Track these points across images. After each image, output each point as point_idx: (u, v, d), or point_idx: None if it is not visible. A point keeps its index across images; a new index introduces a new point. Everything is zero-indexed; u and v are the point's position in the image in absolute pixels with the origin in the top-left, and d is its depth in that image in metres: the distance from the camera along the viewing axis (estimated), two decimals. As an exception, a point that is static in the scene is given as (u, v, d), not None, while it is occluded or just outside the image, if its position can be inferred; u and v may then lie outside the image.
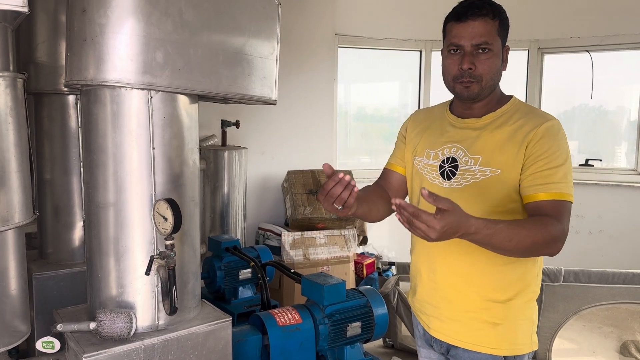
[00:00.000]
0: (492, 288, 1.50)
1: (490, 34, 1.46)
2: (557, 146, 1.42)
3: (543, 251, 1.40)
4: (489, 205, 1.46)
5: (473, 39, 1.45)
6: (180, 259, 1.63)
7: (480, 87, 1.49)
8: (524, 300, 1.51)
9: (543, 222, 1.35)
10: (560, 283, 3.06)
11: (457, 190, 1.51)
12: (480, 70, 1.47)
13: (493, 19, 1.46)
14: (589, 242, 4.67)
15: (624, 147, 4.84)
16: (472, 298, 1.52)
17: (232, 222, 3.72)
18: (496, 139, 1.49)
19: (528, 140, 1.43)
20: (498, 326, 1.50)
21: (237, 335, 2.08)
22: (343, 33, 4.68)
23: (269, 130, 4.35)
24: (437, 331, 1.60)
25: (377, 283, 3.97)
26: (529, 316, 1.54)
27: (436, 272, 1.57)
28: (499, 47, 1.49)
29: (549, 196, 1.39)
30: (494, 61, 1.48)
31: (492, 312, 1.50)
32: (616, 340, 3.42)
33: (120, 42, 1.46)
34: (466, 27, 1.46)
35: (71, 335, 1.55)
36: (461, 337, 1.54)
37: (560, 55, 4.88)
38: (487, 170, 1.47)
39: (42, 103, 2.33)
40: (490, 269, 1.49)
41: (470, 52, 1.46)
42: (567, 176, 1.42)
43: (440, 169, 1.57)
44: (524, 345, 1.52)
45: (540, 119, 1.46)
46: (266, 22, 1.80)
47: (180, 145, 1.63)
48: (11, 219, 1.60)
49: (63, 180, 2.36)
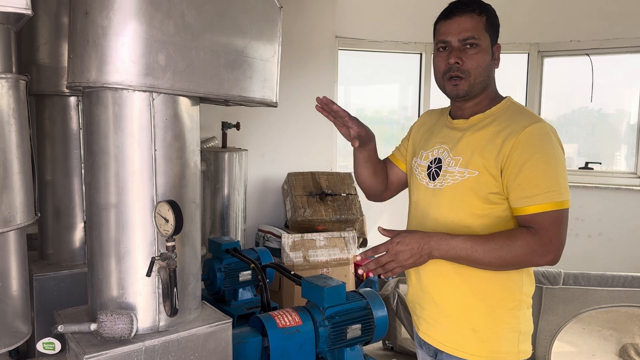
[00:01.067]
0: (473, 294, 1.47)
1: (476, 29, 1.46)
2: (541, 150, 1.37)
3: (525, 264, 1.40)
4: (467, 207, 1.45)
5: (459, 34, 1.46)
6: (181, 260, 1.63)
7: (470, 84, 1.47)
8: (506, 309, 1.47)
9: (512, 235, 1.35)
10: (560, 286, 3.06)
11: (439, 192, 1.52)
12: (468, 65, 1.46)
13: (480, 15, 1.47)
14: (589, 245, 4.67)
15: (623, 151, 4.85)
16: (453, 302, 1.50)
17: (232, 224, 3.73)
18: (477, 141, 1.47)
19: (509, 147, 1.39)
20: (478, 332, 1.47)
21: (237, 337, 2.09)
22: (343, 36, 4.70)
23: (270, 132, 4.36)
24: (424, 333, 1.60)
25: (376, 285, 3.97)
26: (513, 325, 1.47)
27: (421, 274, 1.57)
28: (487, 43, 1.48)
29: (535, 209, 1.36)
30: (482, 57, 1.47)
31: (472, 318, 1.47)
32: (615, 343, 3.42)
33: (122, 44, 1.46)
34: (452, 23, 1.47)
35: (72, 337, 1.55)
36: (444, 341, 1.53)
37: (560, 59, 4.89)
38: (465, 172, 1.46)
39: (44, 104, 2.34)
40: (470, 274, 1.46)
41: (457, 47, 1.47)
42: (558, 181, 1.36)
43: (428, 169, 1.58)
44: (508, 354, 1.47)
45: (524, 121, 1.41)
46: (267, 24, 1.81)
47: (181, 147, 1.64)
48: (13, 220, 1.61)
49: (64, 182, 2.36)
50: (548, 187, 1.35)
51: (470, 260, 1.39)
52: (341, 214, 4.06)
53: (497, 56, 1.54)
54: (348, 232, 4.00)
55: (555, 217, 1.35)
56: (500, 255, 1.35)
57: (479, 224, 1.44)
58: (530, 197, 1.36)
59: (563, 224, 1.36)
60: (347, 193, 4.18)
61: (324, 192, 4.11)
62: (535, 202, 1.35)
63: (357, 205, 4.14)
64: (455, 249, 1.38)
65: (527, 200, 1.36)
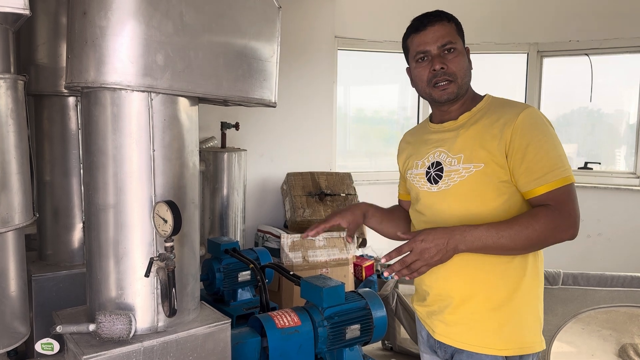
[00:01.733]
0: (495, 287, 1.48)
1: (451, 34, 1.53)
2: (540, 132, 1.43)
3: (550, 240, 1.41)
4: (481, 200, 1.47)
5: (437, 41, 1.51)
6: (179, 261, 1.63)
7: (458, 86, 1.52)
8: (528, 298, 1.49)
9: (534, 214, 1.39)
10: (559, 286, 3.06)
11: (446, 192, 1.52)
12: (453, 69, 1.51)
13: (449, 21, 1.54)
14: (588, 245, 4.67)
15: (623, 150, 4.85)
16: (476, 301, 1.50)
17: (231, 224, 3.72)
18: (475, 135, 1.50)
19: (509, 133, 1.43)
20: (504, 326, 1.48)
21: (236, 338, 2.08)
22: (343, 36, 4.69)
23: (269, 132, 4.36)
24: (442, 335, 1.57)
25: (376, 285, 3.97)
26: (535, 313, 1.51)
27: (438, 277, 1.56)
28: (462, 46, 1.55)
29: (547, 188, 1.40)
30: (462, 59, 1.54)
31: (497, 313, 1.48)
32: (615, 343, 3.42)
33: (120, 44, 1.46)
34: (427, 33, 1.53)
35: (70, 337, 1.55)
36: (466, 340, 1.51)
37: (560, 59, 4.89)
38: (470, 167, 1.48)
39: (43, 105, 2.34)
40: (490, 269, 1.47)
41: (437, 54, 1.52)
42: (561, 158, 1.42)
43: (427, 174, 1.59)
44: (533, 343, 1.49)
45: (515, 109, 1.47)
46: (266, 24, 1.81)
47: (180, 148, 1.63)
48: (11, 221, 1.61)
49: (63, 182, 2.36)
50: (554, 165, 1.41)
51: (497, 247, 1.40)
52: (340, 214, 4.05)
53: (469, 58, 1.60)
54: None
55: (568, 192, 1.40)
56: (527, 235, 1.37)
57: (492, 216, 1.46)
58: (539, 177, 1.40)
59: (575, 197, 1.42)
60: (346, 193, 4.18)
61: (323, 192, 4.11)
62: (546, 181, 1.40)
63: (356, 206, 4.13)
64: (481, 239, 1.39)
65: (538, 180, 1.41)
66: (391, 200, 1.96)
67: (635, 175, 4.60)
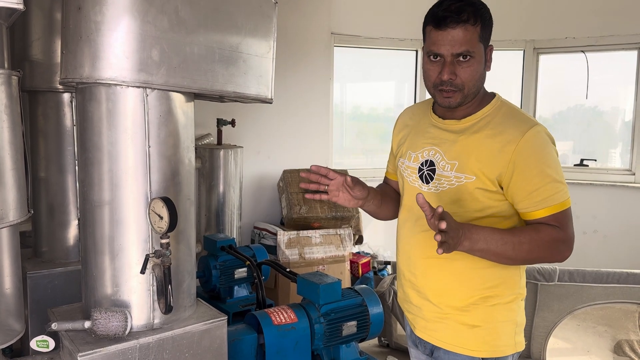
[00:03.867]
0: (472, 290, 1.48)
1: (471, 41, 1.38)
2: (543, 156, 1.40)
3: (547, 258, 1.43)
4: (466, 211, 1.45)
5: (453, 48, 1.38)
6: (175, 257, 1.63)
7: (463, 96, 1.44)
8: (505, 302, 1.49)
9: (539, 231, 1.39)
10: (555, 282, 3.07)
11: (434, 195, 1.50)
12: (462, 79, 1.41)
13: (474, 24, 1.38)
14: (584, 242, 4.66)
15: (618, 148, 4.86)
16: (451, 300, 1.50)
17: (227, 221, 3.72)
18: (474, 145, 1.45)
19: (510, 153, 1.38)
20: (477, 328, 1.49)
21: (233, 334, 2.08)
22: (339, 32, 4.68)
23: (265, 129, 4.35)
24: (421, 331, 1.60)
25: (372, 282, 3.98)
26: (511, 318, 1.51)
27: (416, 274, 1.57)
28: (481, 52, 1.43)
29: (548, 212, 1.39)
30: (476, 68, 1.42)
31: (471, 314, 1.49)
32: (610, 339, 3.43)
33: (115, 39, 1.45)
34: (446, 35, 1.38)
35: (66, 334, 1.55)
36: (442, 338, 1.53)
37: (556, 56, 4.89)
38: (462, 177, 1.45)
39: (37, 101, 2.32)
40: (468, 272, 1.47)
41: (450, 61, 1.40)
42: (560, 182, 1.40)
43: (420, 171, 1.55)
44: (506, 347, 1.50)
45: (521, 126, 1.41)
46: (262, 20, 1.80)
47: (176, 144, 1.62)
48: (5, 217, 1.59)
49: (58, 179, 2.34)
50: (555, 189, 1.39)
51: (497, 252, 1.37)
52: (337, 211, 4.05)
53: (490, 57, 1.49)
54: (344, 229, 4.00)
55: (568, 215, 1.41)
56: (529, 249, 1.37)
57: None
58: (541, 201, 1.40)
59: (572, 220, 1.43)
60: (342, 190, 4.17)
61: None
62: (549, 204, 1.39)
63: (352, 203, 4.13)
64: (486, 240, 1.35)
65: (539, 204, 1.40)
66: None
67: (630, 172, 4.61)
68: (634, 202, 4.52)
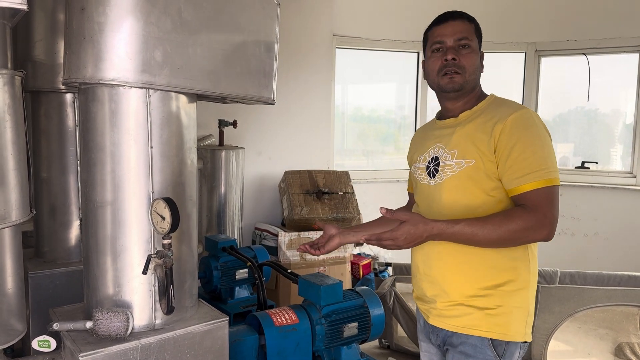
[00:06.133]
0: (484, 276, 1.55)
1: (469, 32, 1.61)
2: (529, 132, 1.48)
3: (522, 240, 1.48)
4: (470, 194, 1.54)
5: (454, 34, 1.60)
6: (177, 258, 1.63)
7: (464, 79, 1.59)
8: (516, 289, 1.55)
9: (509, 215, 1.44)
10: (556, 285, 3.07)
11: (440, 185, 1.61)
12: (464, 62, 1.59)
13: (470, 22, 1.64)
14: (585, 245, 4.68)
15: (619, 150, 4.87)
16: (465, 287, 1.57)
17: (228, 222, 3.72)
18: (469, 132, 1.58)
19: (498, 131, 1.49)
20: (489, 311, 1.55)
21: (234, 335, 2.08)
22: (341, 34, 4.69)
23: (267, 130, 4.35)
24: (435, 319, 1.66)
25: (373, 284, 3.97)
26: (522, 305, 1.57)
27: (432, 267, 1.64)
28: (477, 46, 1.63)
29: (529, 187, 1.45)
30: (475, 57, 1.61)
31: (485, 299, 1.55)
32: (611, 342, 3.43)
33: (119, 40, 1.46)
34: (447, 26, 1.62)
35: (67, 334, 1.55)
36: (456, 323, 1.60)
37: (557, 58, 4.90)
38: (462, 162, 1.56)
39: (40, 101, 2.32)
40: (480, 259, 1.55)
41: (452, 46, 1.60)
42: (547, 160, 1.46)
43: (427, 169, 1.68)
44: (516, 333, 1.56)
45: (509, 109, 1.53)
46: (265, 22, 1.80)
47: (178, 145, 1.63)
48: (8, 217, 1.60)
49: (60, 179, 2.35)
50: (537, 166, 1.45)
51: (471, 243, 1.48)
52: (338, 212, 4.05)
53: (482, 62, 1.68)
54: (345, 230, 3.99)
55: (547, 194, 1.44)
56: (499, 234, 1.43)
57: (481, 211, 1.52)
58: (521, 176, 1.46)
59: (555, 200, 1.46)
60: (344, 192, 4.18)
61: (321, 190, 4.11)
62: (527, 181, 1.45)
63: (354, 204, 4.14)
64: (455, 236, 1.46)
65: (519, 180, 1.46)
66: (389, 199, 1.97)
67: (631, 174, 4.61)
68: (635, 205, 4.52)
